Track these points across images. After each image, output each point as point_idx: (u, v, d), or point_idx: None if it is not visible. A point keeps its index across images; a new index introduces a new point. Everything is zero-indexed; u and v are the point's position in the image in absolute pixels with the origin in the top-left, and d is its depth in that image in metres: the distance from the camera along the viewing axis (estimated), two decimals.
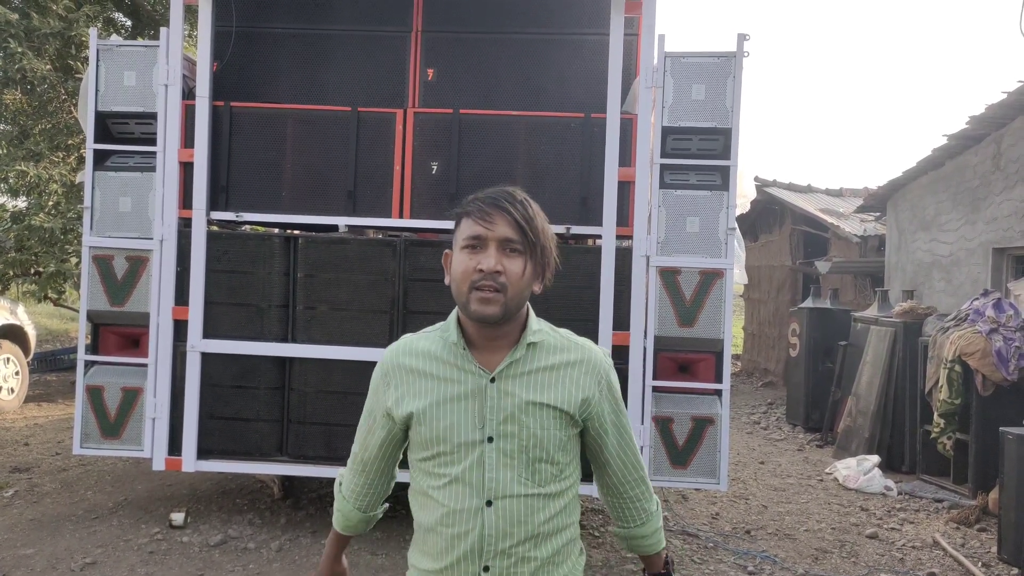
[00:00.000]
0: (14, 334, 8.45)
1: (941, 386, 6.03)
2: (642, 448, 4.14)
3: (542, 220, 1.54)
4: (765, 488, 6.17)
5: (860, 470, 6.29)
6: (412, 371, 1.60)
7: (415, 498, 1.64)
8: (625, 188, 4.23)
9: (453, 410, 1.54)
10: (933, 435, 6.14)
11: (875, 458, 6.46)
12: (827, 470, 6.75)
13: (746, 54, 4.17)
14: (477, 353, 1.56)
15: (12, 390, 8.27)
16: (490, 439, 1.53)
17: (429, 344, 1.62)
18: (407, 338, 1.68)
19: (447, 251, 1.60)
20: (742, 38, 4.18)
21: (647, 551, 1.79)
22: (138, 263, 4.38)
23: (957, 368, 5.90)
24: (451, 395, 1.54)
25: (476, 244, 1.50)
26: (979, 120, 6.98)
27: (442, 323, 1.65)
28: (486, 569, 1.52)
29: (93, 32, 4.47)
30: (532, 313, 1.60)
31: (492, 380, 1.54)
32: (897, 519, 5.47)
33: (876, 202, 9.74)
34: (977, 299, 6.23)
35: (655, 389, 4.19)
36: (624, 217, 4.23)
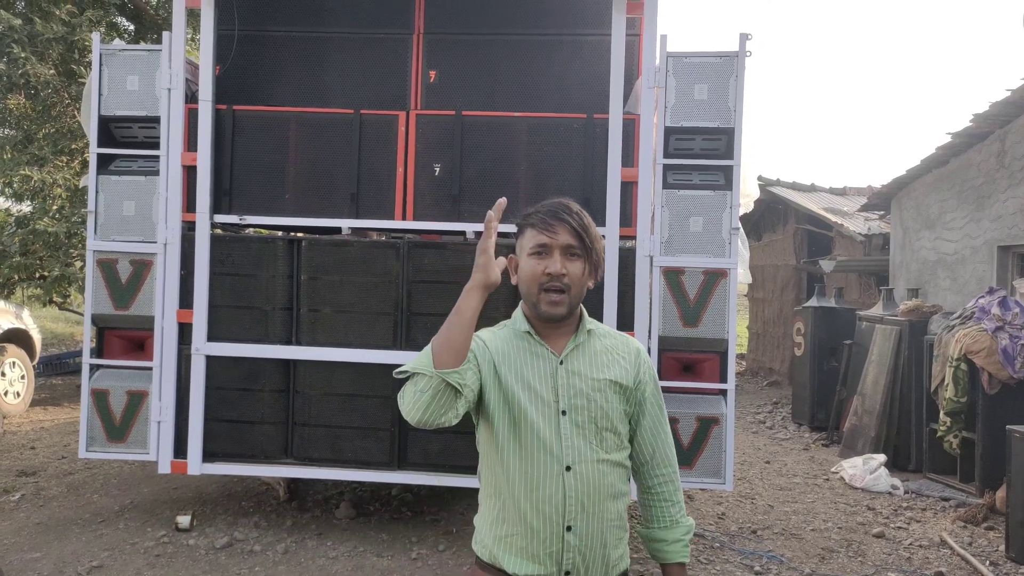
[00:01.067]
0: (19, 338, 8.48)
1: (947, 384, 6.01)
2: None
3: (594, 227, 1.80)
4: (771, 488, 6.16)
5: (866, 469, 6.27)
6: (499, 349, 1.80)
7: (491, 473, 1.79)
8: (628, 188, 4.23)
9: (534, 388, 1.75)
10: (939, 434, 6.12)
11: (881, 457, 6.44)
12: (833, 469, 6.73)
13: (748, 53, 4.17)
14: (543, 339, 1.81)
15: (18, 394, 8.29)
16: (564, 412, 1.75)
17: (503, 334, 1.84)
18: (482, 331, 1.86)
19: (512, 256, 1.84)
20: (744, 38, 4.17)
21: (667, 558, 1.87)
22: (142, 267, 4.39)
23: (963, 366, 5.89)
24: (530, 376, 1.76)
25: (542, 251, 1.75)
26: (983, 118, 6.95)
27: (506, 320, 1.88)
28: (568, 528, 1.72)
29: (96, 37, 4.48)
30: (584, 309, 1.86)
31: (561, 362, 1.78)
32: (904, 518, 5.45)
33: (880, 200, 9.71)
34: (982, 297, 6.21)
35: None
36: (627, 217, 4.23)
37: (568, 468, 1.72)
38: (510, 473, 1.75)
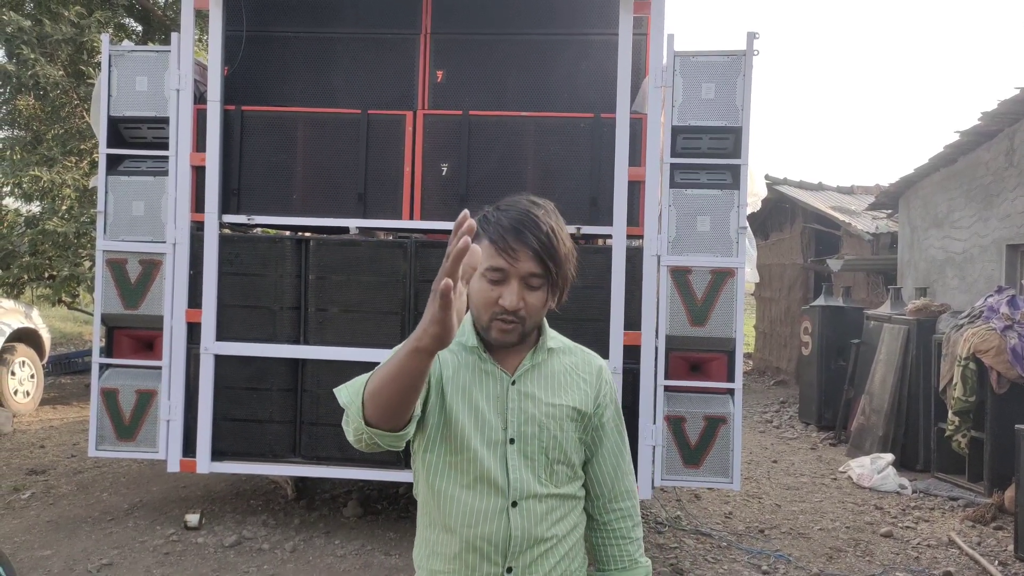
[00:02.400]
0: (29, 338, 8.52)
1: (955, 384, 5.99)
2: (654, 448, 4.14)
3: (565, 246, 1.49)
4: (778, 487, 6.15)
5: (874, 468, 6.26)
6: (447, 362, 1.56)
7: (430, 498, 1.57)
8: (635, 188, 4.23)
9: (480, 411, 1.52)
10: (948, 433, 6.10)
11: (889, 456, 6.43)
12: (841, 469, 6.71)
13: (756, 52, 4.16)
14: (496, 355, 1.56)
15: (28, 393, 8.34)
16: (511, 440, 1.52)
17: (456, 345, 1.58)
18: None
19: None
20: (752, 36, 4.17)
21: None
22: (151, 266, 4.42)
23: (971, 365, 5.87)
24: (478, 396, 1.53)
25: (498, 278, 1.46)
26: (992, 116, 6.93)
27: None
28: (509, 570, 1.51)
29: (105, 38, 4.51)
30: (545, 322, 1.60)
31: (513, 383, 1.54)
32: (912, 517, 5.43)
33: (888, 199, 9.68)
34: (991, 296, 6.19)
35: (667, 389, 4.18)
36: (634, 217, 4.23)
37: (514, 504, 1.50)
38: (446, 505, 1.53)
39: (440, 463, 1.53)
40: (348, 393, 1.39)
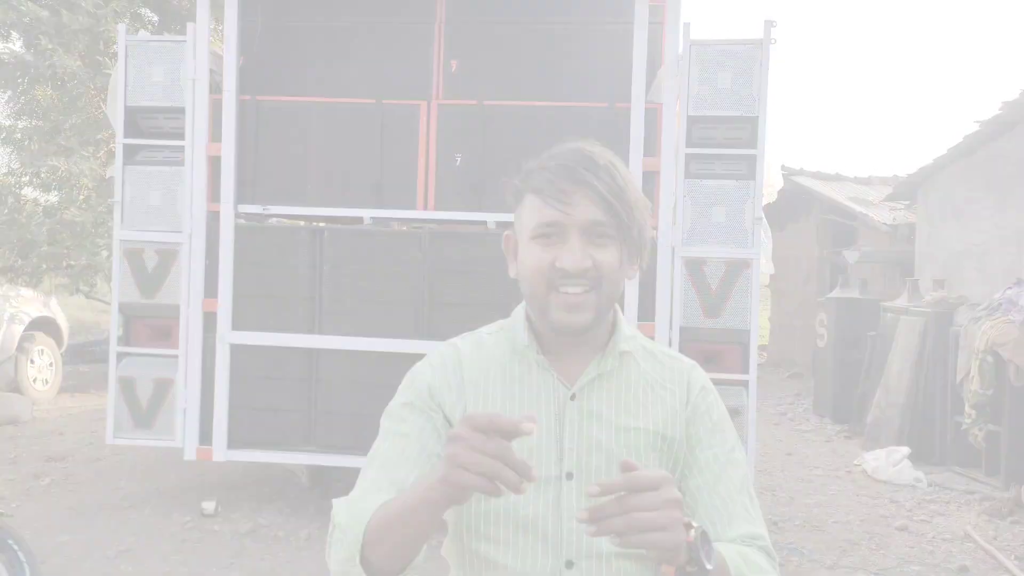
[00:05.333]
0: (48, 326, 8.62)
1: (973, 377, 5.93)
2: None
3: (634, 189, 1.15)
4: (792, 479, 6.13)
5: (889, 461, 6.22)
6: (475, 377, 1.21)
7: (460, 556, 1.23)
8: (650, 178, 4.20)
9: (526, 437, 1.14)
10: (964, 426, 6.05)
11: (905, 449, 6.38)
12: (855, 461, 6.68)
13: (773, 41, 4.12)
14: (552, 360, 1.20)
15: (47, 381, 8.43)
16: (569, 475, 1.15)
17: (494, 346, 1.24)
18: (466, 336, 1.28)
19: (507, 233, 1.23)
20: (769, 25, 4.13)
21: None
22: (168, 256, 4.45)
23: (989, 358, 5.81)
24: (518, 413, 1.15)
25: (551, 233, 1.12)
26: (1012, 106, 6.83)
27: (503, 321, 1.28)
28: None
29: (121, 28, 4.53)
30: (621, 313, 1.25)
31: (573, 397, 1.18)
32: (927, 511, 5.40)
33: (906, 190, 9.58)
34: (1010, 288, 6.12)
35: None
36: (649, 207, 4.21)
37: (569, 564, 1.14)
38: (479, 563, 1.18)
39: (473, 510, 1.17)
40: (348, 515, 1.15)
